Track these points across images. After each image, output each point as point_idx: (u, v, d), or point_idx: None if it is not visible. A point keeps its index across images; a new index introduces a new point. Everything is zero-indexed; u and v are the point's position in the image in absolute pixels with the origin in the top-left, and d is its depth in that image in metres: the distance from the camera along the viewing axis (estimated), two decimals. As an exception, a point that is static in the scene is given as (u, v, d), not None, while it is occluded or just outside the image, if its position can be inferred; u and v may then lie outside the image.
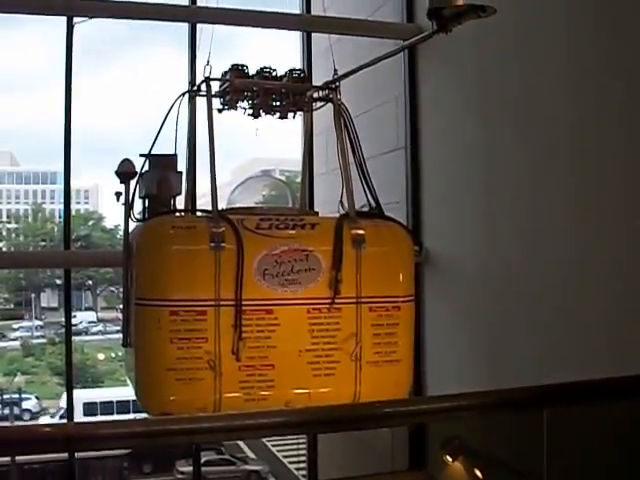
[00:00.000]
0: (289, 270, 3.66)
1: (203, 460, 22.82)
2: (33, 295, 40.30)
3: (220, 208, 3.82)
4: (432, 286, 6.24)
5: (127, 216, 3.92)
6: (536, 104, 5.12)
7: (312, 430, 4.01)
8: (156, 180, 3.89)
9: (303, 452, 7.99)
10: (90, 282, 39.59)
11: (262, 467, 24.00)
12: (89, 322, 35.21)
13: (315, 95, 4.27)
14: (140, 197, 4.03)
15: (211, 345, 3.55)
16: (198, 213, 4.04)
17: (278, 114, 4.26)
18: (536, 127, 5.06)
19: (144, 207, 4.05)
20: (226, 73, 4.07)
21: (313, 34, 6.83)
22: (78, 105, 6.02)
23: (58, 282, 39.75)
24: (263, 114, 4.22)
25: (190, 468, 23.21)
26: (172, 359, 3.52)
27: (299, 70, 4.21)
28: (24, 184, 45.01)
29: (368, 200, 4.22)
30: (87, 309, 37.45)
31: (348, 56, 5.63)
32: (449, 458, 5.99)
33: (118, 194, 3.92)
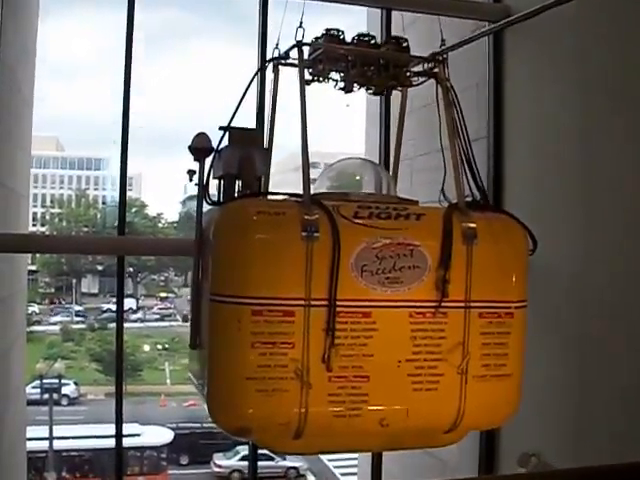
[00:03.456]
0: (391, 267, 3.13)
1: (241, 455, 22.80)
2: (74, 280, 40.48)
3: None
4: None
5: (201, 198, 3.41)
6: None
7: None
8: (237, 158, 3.37)
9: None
10: (131, 269, 39.50)
11: (301, 463, 23.78)
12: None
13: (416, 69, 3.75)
14: (215, 177, 3.53)
15: (298, 352, 3.03)
16: (278, 197, 3.46)
17: (373, 89, 3.76)
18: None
19: (219, 189, 3.55)
20: (317, 39, 3.56)
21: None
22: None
23: (99, 268, 39.93)
24: (356, 88, 3.72)
25: (227, 462, 23.09)
26: (253, 366, 3.00)
27: (402, 39, 3.68)
28: (69, 169, 45.26)
29: (471, 190, 3.70)
30: (127, 296, 37.46)
31: (422, 38, 5.10)
32: (528, 477, 5.49)
33: (191, 172, 3.42)
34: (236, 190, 3.52)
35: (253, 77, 3.53)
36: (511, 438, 5.80)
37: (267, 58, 3.79)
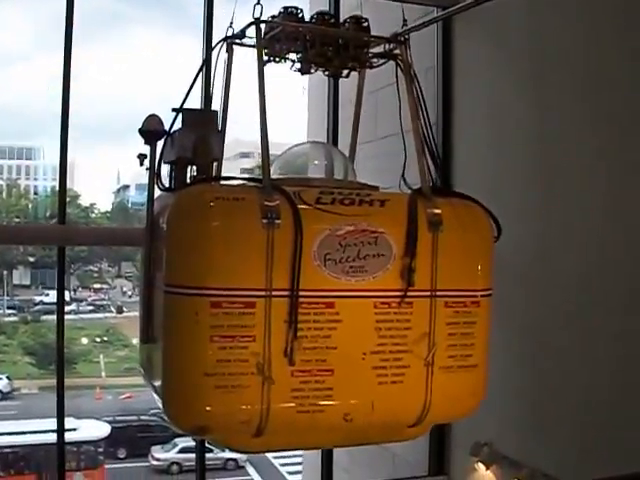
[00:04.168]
0: (355, 255, 2.99)
1: (180, 447, 22.47)
2: (5, 272, 39.42)
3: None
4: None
5: (152, 183, 3.23)
6: (607, 78, 4.48)
7: None
8: (192, 141, 3.19)
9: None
10: (65, 260, 38.68)
11: (240, 455, 23.52)
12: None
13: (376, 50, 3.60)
14: (166, 162, 3.34)
15: (259, 345, 2.86)
16: (235, 182, 3.28)
17: (330, 70, 3.61)
18: (610, 105, 4.42)
19: (171, 174, 3.36)
20: (275, 17, 3.39)
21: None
22: (57, 81, 5.58)
23: (31, 259, 38.99)
24: (313, 69, 3.57)
25: (166, 454, 22.73)
26: (212, 362, 2.82)
27: (362, 18, 3.53)
28: (-1, 159, 44.01)
29: (431, 175, 3.58)
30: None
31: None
32: (482, 466, 5.46)
33: (142, 157, 3.24)
34: (189, 175, 3.34)
35: (206, 58, 3.35)
36: (462, 428, 5.75)
37: (214, 40, 3.61)
